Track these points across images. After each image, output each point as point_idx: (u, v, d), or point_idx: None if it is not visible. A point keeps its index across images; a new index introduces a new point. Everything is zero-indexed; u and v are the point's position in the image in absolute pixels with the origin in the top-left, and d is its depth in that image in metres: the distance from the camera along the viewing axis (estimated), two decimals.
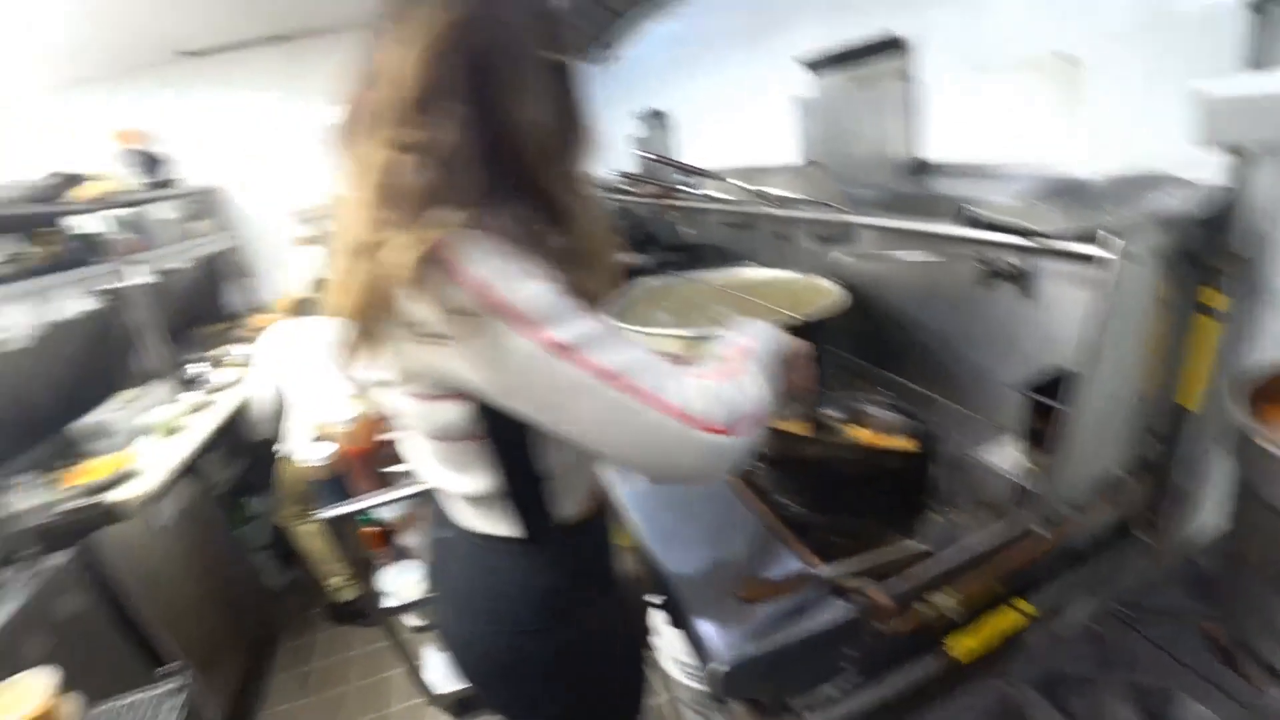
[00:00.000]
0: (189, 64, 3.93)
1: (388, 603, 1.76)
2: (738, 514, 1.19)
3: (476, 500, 0.85)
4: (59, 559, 1.80)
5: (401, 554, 1.88)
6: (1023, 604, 1.08)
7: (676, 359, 0.76)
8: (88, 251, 2.71)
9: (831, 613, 0.92)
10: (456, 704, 2.07)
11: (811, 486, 1.19)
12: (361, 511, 1.72)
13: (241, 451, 3.19)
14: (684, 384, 0.72)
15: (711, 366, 0.81)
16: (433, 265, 0.64)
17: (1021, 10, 1.33)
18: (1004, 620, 1.05)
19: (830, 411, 1.31)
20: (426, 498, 1.00)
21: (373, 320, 0.69)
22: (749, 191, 1.71)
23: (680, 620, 0.98)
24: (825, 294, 1.68)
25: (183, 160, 3.75)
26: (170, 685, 0.68)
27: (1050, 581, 1.12)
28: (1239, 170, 0.96)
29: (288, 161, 4.08)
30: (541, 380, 0.67)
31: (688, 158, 3.07)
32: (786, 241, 2.08)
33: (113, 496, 2.01)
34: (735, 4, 2.40)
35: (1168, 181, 1.06)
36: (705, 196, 2.07)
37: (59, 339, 2.50)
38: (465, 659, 0.96)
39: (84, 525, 1.91)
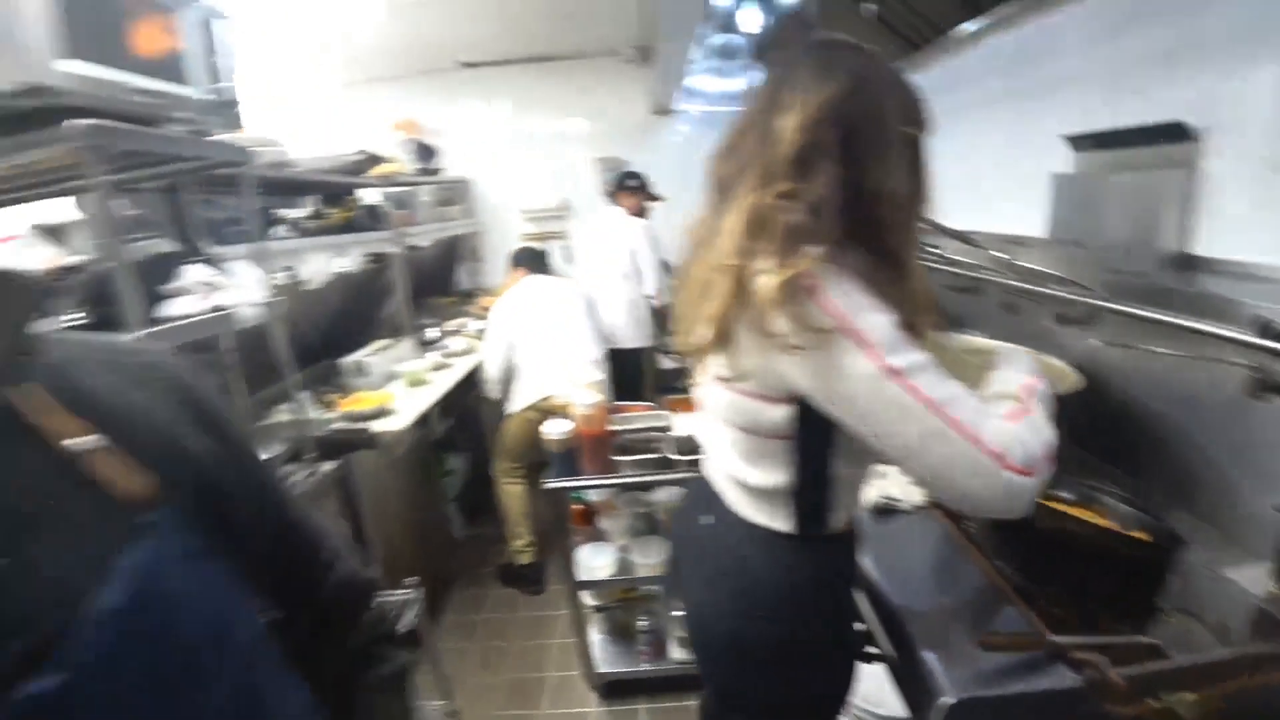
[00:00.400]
0: (466, 73, 4.53)
1: (580, 576, 1.94)
2: (960, 566, 1.25)
3: (762, 492, 0.99)
4: (327, 468, 2.17)
5: (598, 535, 2.07)
6: None
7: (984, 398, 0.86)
8: (370, 219, 3.20)
9: (1057, 680, 0.96)
10: (607, 685, 2.23)
11: (1037, 555, 1.21)
12: (576, 489, 1.93)
13: (451, 411, 3.62)
14: (994, 423, 0.81)
15: (1008, 407, 0.88)
16: (798, 288, 0.79)
17: None
18: None
19: (1063, 492, 1.32)
20: (697, 484, 1.16)
21: (728, 325, 0.85)
22: (1002, 260, 1.73)
23: (906, 652, 1.05)
24: (1059, 374, 1.66)
25: (446, 152, 4.29)
26: (413, 593, 0.86)
27: None
28: None
29: (526, 165, 4.57)
30: (875, 398, 0.80)
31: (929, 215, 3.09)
32: (1017, 315, 2.06)
33: (374, 426, 2.38)
34: (1000, 70, 2.41)
35: None
36: (938, 256, 2.10)
37: (339, 288, 2.98)
38: (705, 633, 1.10)
39: (349, 445, 2.29)
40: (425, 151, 3.91)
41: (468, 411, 3.82)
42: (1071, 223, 1.93)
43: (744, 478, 1.00)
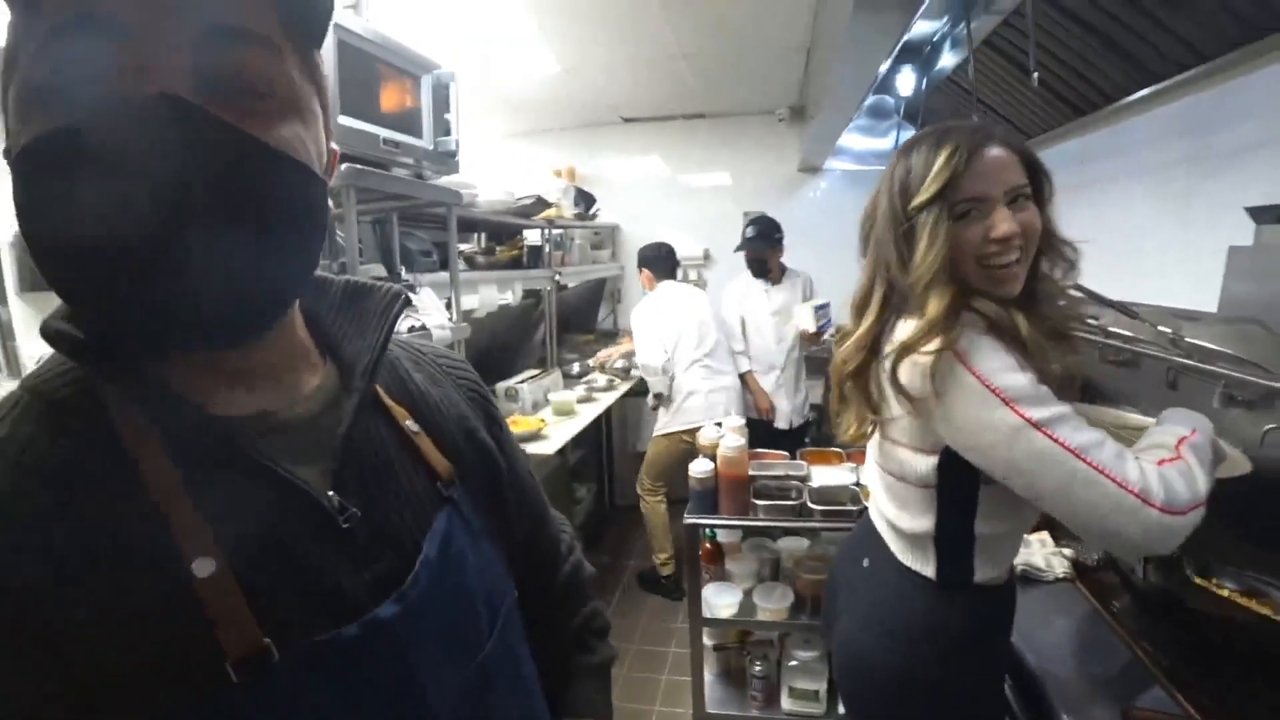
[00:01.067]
0: (624, 126, 4.86)
1: (705, 614, 2.02)
2: (1104, 641, 1.24)
3: (910, 536, 1.06)
4: None
5: (724, 575, 2.14)
6: None
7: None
8: (533, 257, 3.51)
9: None
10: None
11: (1186, 638, 1.18)
12: (714, 526, 2.02)
13: (583, 443, 3.83)
14: (1136, 465, 0.86)
15: (1156, 453, 0.93)
16: (951, 358, 0.89)
17: None
18: None
19: (1227, 581, 1.28)
20: (861, 526, 1.24)
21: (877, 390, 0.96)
22: (1166, 335, 1.69)
23: (1042, 713, 1.07)
24: (1230, 461, 1.59)
25: (600, 199, 4.61)
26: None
27: None
28: None
29: (673, 215, 4.80)
30: (1021, 448, 0.87)
31: (1084, 282, 2.99)
32: (1178, 393, 1.97)
33: (527, 449, 2.60)
34: (1170, 137, 2.34)
35: None
36: (1097, 328, 2.05)
37: (500, 317, 3.27)
38: (850, 665, 1.17)
39: None
40: (584, 198, 4.22)
41: (599, 444, 4.03)
42: (1249, 299, 1.84)
43: (894, 520, 1.08)
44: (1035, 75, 2.20)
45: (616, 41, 3.28)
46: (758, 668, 2.21)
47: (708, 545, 2.14)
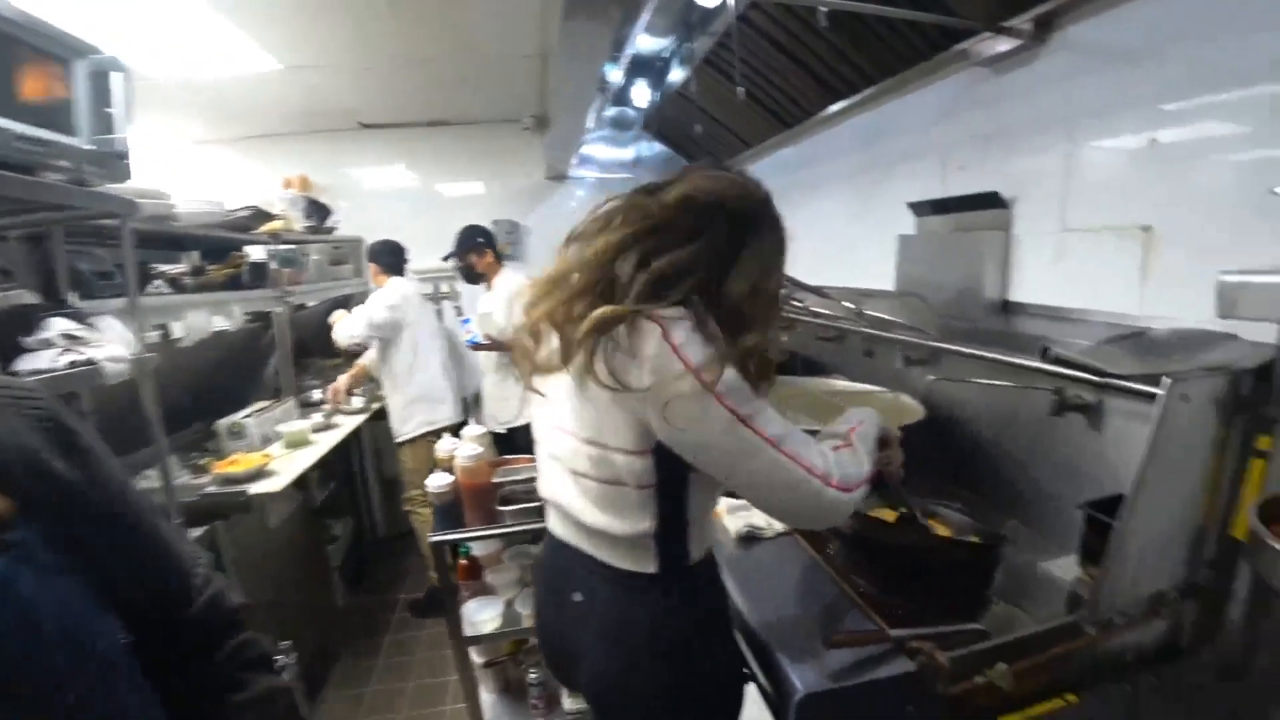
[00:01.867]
0: (364, 134, 4.60)
1: (467, 633, 1.92)
2: (818, 583, 1.36)
3: (628, 539, 1.04)
4: (193, 535, 2.06)
5: (486, 589, 2.05)
6: (1071, 696, 1.19)
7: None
8: (255, 277, 3.14)
9: (897, 667, 1.07)
10: None
11: (884, 569, 1.34)
12: (462, 542, 1.93)
13: (333, 476, 3.51)
14: (820, 451, 0.97)
15: (832, 441, 1.06)
16: (649, 324, 0.91)
17: (1108, 182, 1.56)
18: (1050, 705, 1.16)
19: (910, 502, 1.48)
20: (553, 557, 1.20)
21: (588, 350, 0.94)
22: (852, 310, 1.94)
23: (765, 662, 1.14)
24: (908, 410, 1.86)
25: (340, 210, 4.28)
26: (285, 659, 0.86)
27: (1101, 682, 1.23)
28: None
29: (421, 226, 4.60)
30: (729, 440, 0.92)
31: (793, 272, 3.36)
32: (873, 359, 2.29)
33: (250, 489, 2.29)
34: (855, 146, 2.73)
35: (1226, 339, 1.23)
36: (806, 310, 2.31)
37: (216, 346, 2.88)
38: (590, 680, 1.12)
39: (223, 509, 2.19)
40: (317, 209, 3.89)
41: (351, 476, 3.71)
42: (914, 277, 2.19)
43: (608, 528, 1.04)
44: (741, 90, 2.43)
45: (344, 43, 3.08)
46: (533, 675, 2.15)
47: (463, 562, 2.05)
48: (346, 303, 4.45)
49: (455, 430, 2.45)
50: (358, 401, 3.61)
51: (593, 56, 2.43)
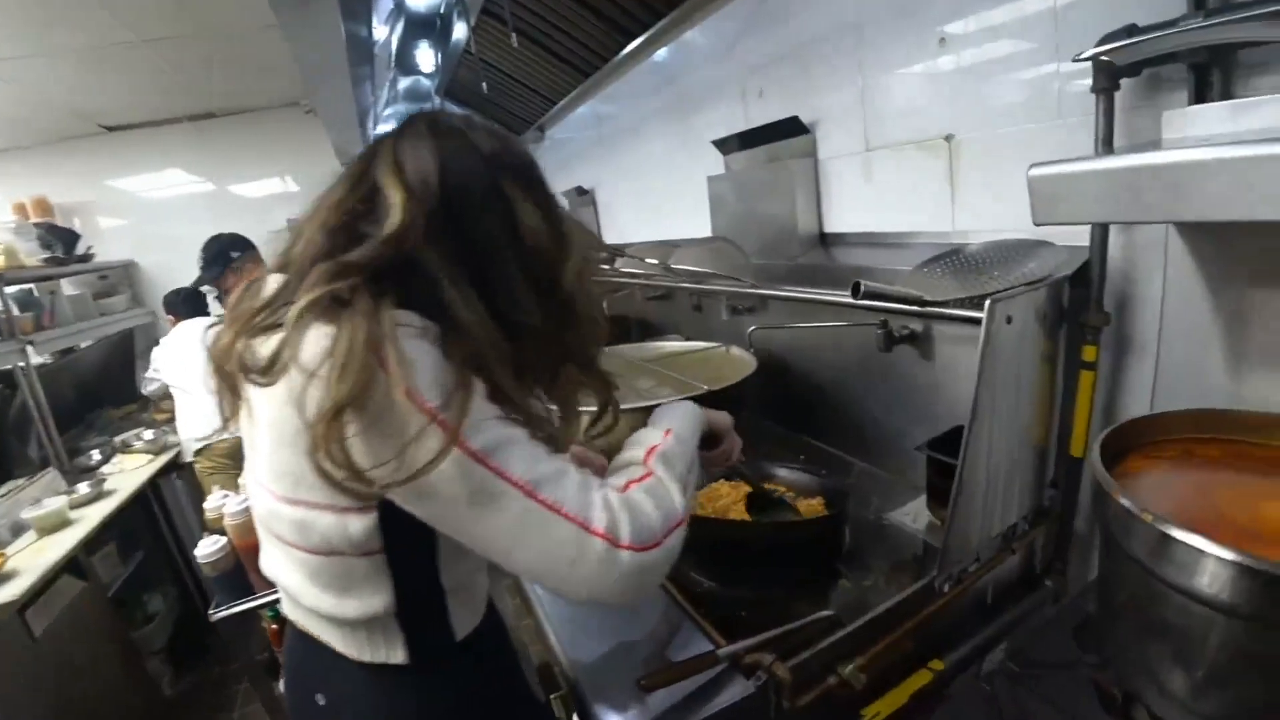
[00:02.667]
0: (114, 138, 3.90)
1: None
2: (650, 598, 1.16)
3: (364, 624, 0.77)
4: None
5: None
6: (935, 663, 1.07)
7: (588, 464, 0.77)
8: None
9: (736, 691, 0.89)
10: None
11: (722, 562, 1.17)
12: (265, 605, 1.61)
13: (138, 545, 2.99)
14: (602, 498, 0.68)
15: (625, 474, 0.77)
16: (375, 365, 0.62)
17: (909, 95, 1.43)
18: (915, 682, 1.03)
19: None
20: (292, 645, 0.90)
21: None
22: (658, 266, 1.75)
23: (583, 714, 0.92)
24: (741, 363, 1.71)
25: (101, 232, 3.63)
26: None
27: (963, 636, 1.12)
28: (1095, 234, 1.03)
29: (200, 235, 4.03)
30: (455, 486, 0.63)
31: (612, 233, 3.15)
32: (703, 314, 2.13)
33: None
34: (657, 88, 2.51)
35: (1043, 247, 1.13)
36: (624, 272, 2.11)
37: None
38: None
39: None
40: (59, 236, 3.25)
41: (160, 539, 3.18)
42: (728, 219, 2.03)
43: (334, 611, 0.77)
44: (514, 36, 2.16)
45: (43, 24, 2.51)
46: None
47: (272, 627, 1.72)
48: (130, 341, 3.84)
49: None
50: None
51: (327, 19, 2.05)
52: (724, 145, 2.03)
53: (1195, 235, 0.93)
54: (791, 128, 1.74)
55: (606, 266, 2.03)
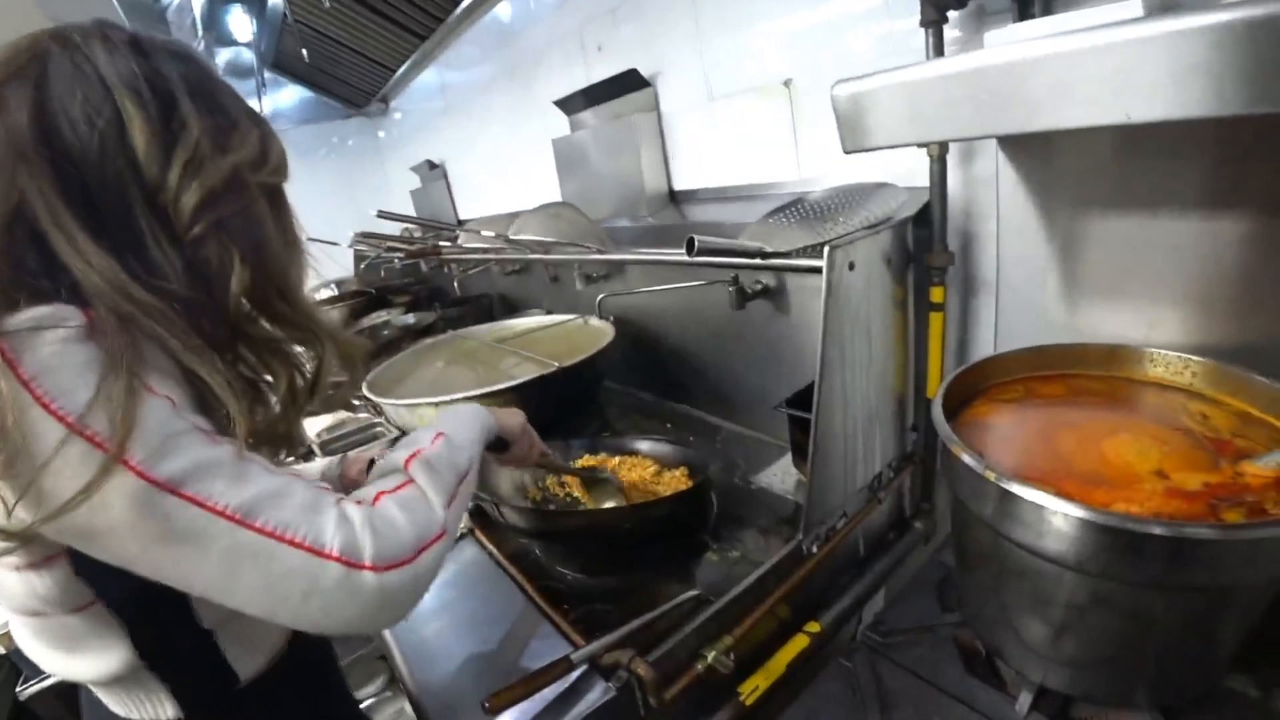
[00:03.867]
0: None
1: None
2: (505, 601, 1.05)
3: (118, 682, 0.63)
4: None
5: None
6: (813, 625, 1.04)
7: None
8: None
9: (595, 696, 0.81)
10: None
11: (582, 553, 1.09)
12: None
13: None
14: (335, 514, 0.56)
15: (378, 486, 0.65)
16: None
17: (747, 42, 1.36)
18: (792, 649, 0.99)
19: (589, 457, 1.24)
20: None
21: None
22: (495, 238, 1.62)
23: None
24: (600, 334, 1.62)
25: None
26: None
27: (839, 593, 1.10)
28: (934, 171, 1.00)
29: None
30: (136, 523, 0.49)
31: (463, 205, 2.97)
32: (560, 284, 2.02)
33: None
34: (497, 50, 2.34)
35: (885, 189, 1.09)
36: (474, 249, 1.96)
37: None
38: None
39: None
40: None
41: None
42: (576, 183, 1.92)
43: (67, 672, 0.63)
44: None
45: None
46: None
47: None
48: None
49: None
50: None
51: None
52: (567, 105, 1.91)
53: (1023, 159, 0.91)
54: (632, 81, 1.65)
55: (448, 245, 1.88)
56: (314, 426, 1.87)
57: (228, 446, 0.54)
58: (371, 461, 0.98)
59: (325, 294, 3.55)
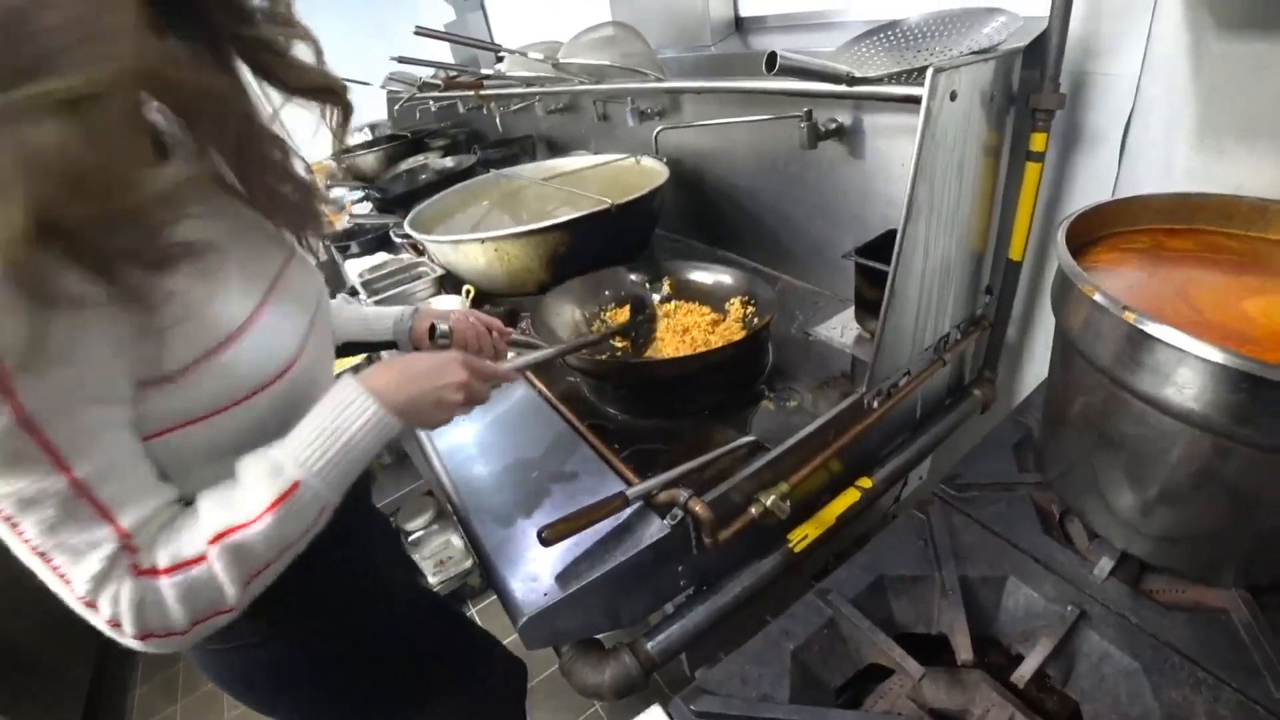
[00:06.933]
0: None
1: None
2: (556, 433, 1.04)
3: None
4: None
5: None
6: (864, 481, 1.02)
7: None
8: None
9: (651, 532, 0.80)
10: None
11: (635, 396, 1.06)
12: None
13: None
14: (111, 589, 0.51)
15: (176, 544, 0.54)
16: None
17: None
18: (843, 502, 0.98)
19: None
20: None
21: None
22: (544, 62, 1.48)
23: (494, 582, 0.83)
24: (653, 173, 1.52)
25: None
26: None
27: (892, 452, 1.08)
28: None
29: None
30: None
31: (502, 38, 2.75)
32: (610, 122, 1.89)
33: None
34: None
35: (994, 14, 0.95)
36: (519, 81, 1.81)
37: None
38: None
39: None
40: None
41: None
42: (630, 6, 1.73)
43: None
44: None
45: None
46: None
47: None
48: None
49: None
50: None
51: None
52: None
53: None
54: None
55: (490, 73, 1.73)
56: (356, 267, 1.84)
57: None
58: (433, 327, 0.95)
59: (360, 138, 3.42)
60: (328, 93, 0.66)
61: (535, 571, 0.79)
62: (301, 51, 0.63)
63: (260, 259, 0.67)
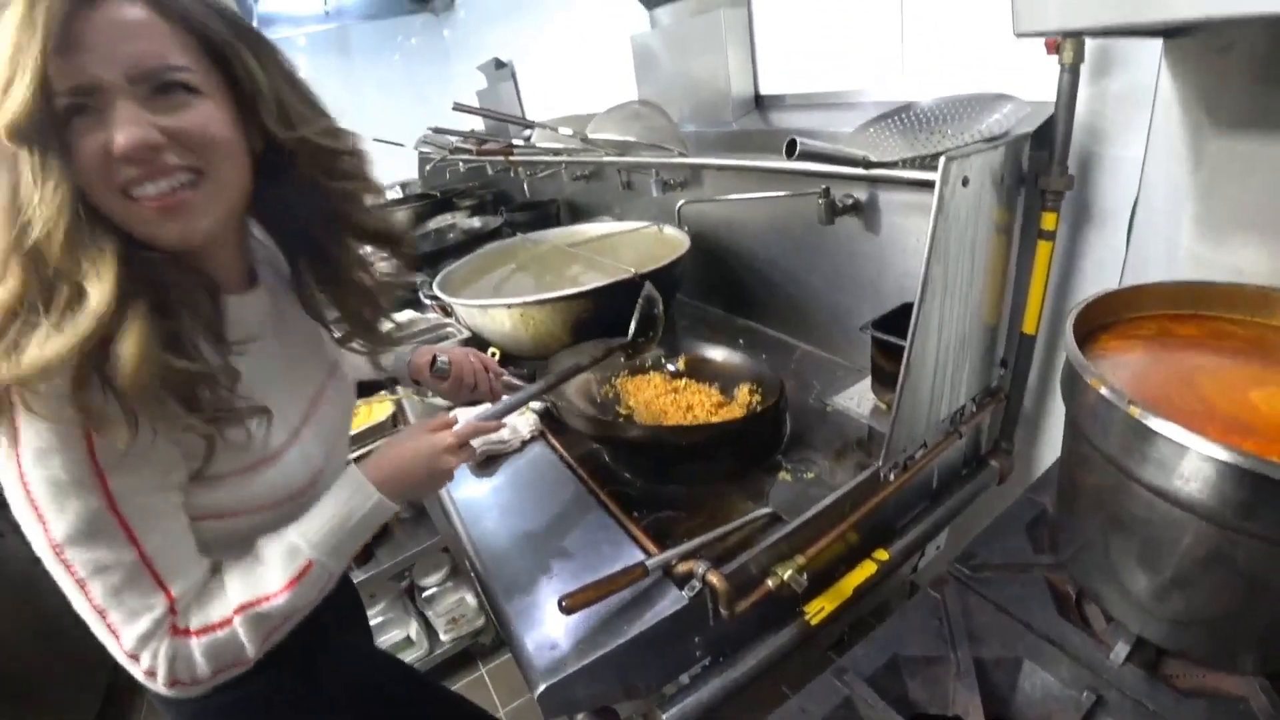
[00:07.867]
0: None
1: None
2: (573, 499, 1.06)
3: None
4: None
5: None
6: (881, 553, 1.03)
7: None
8: None
9: (668, 604, 0.81)
10: None
11: (650, 464, 1.08)
12: None
13: None
14: (134, 607, 0.59)
15: (206, 611, 0.63)
16: None
17: None
18: (859, 574, 0.99)
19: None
20: None
21: None
22: (573, 136, 1.56)
23: (511, 645, 0.84)
24: (674, 243, 1.57)
25: None
26: None
27: (908, 524, 1.08)
28: (1064, 83, 0.90)
29: None
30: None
31: (531, 108, 2.87)
32: (633, 190, 1.96)
33: None
34: None
35: (1003, 101, 0.99)
36: (547, 150, 1.89)
37: None
38: None
39: None
40: None
41: None
42: (655, 84, 1.82)
43: None
44: None
45: None
46: None
47: None
48: None
49: None
50: None
51: None
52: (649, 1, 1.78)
53: (1189, 67, 0.80)
54: None
55: (520, 142, 1.82)
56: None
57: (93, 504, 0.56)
58: (434, 359, 1.02)
59: (391, 195, 3.55)
60: (390, 240, 0.79)
61: (554, 638, 0.80)
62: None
63: (306, 380, 0.77)
